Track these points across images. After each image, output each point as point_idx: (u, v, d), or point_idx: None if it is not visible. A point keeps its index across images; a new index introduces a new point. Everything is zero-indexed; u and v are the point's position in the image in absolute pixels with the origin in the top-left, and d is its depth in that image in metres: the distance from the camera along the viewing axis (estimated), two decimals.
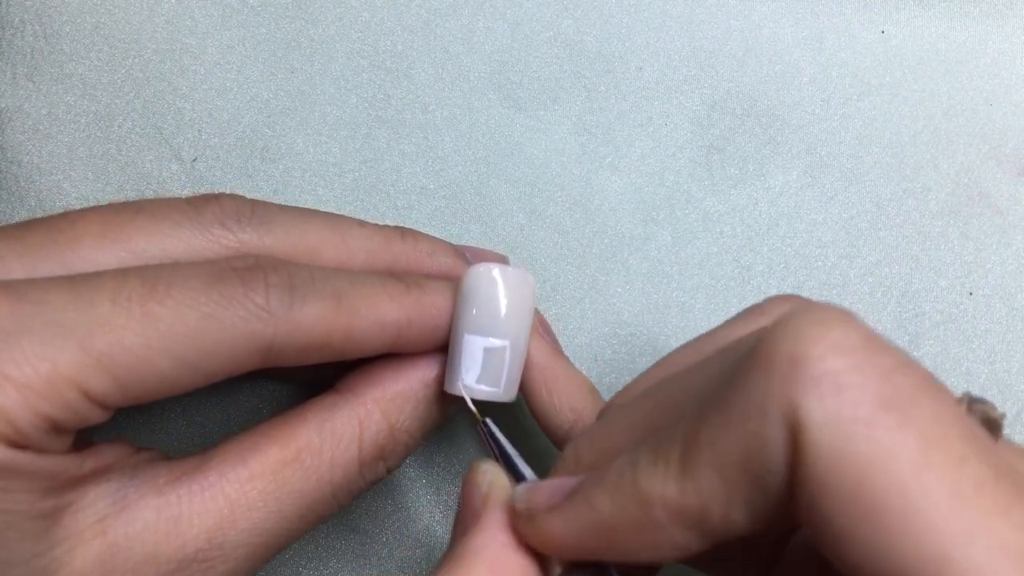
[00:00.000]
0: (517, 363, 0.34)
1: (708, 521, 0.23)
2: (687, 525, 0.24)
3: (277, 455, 0.30)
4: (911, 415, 0.21)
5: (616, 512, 0.25)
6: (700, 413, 0.24)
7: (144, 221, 0.31)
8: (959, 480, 0.20)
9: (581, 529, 0.26)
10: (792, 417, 0.21)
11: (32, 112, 0.42)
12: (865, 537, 0.21)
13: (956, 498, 0.20)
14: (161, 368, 0.27)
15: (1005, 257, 0.42)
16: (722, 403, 0.23)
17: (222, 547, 0.29)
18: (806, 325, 0.22)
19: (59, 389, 0.25)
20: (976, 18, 0.43)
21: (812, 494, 0.21)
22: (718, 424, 0.23)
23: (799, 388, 0.21)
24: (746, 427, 0.22)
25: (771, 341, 0.22)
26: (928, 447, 0.21)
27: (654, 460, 0.24)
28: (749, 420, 0.22)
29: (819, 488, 0.21)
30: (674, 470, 0.24)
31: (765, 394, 0.22)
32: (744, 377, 0.23)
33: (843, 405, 0.21)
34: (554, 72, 0.43)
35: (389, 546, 0.40)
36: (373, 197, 0.42)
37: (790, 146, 0.43)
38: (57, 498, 0.27)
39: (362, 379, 0.33)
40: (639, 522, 0.24)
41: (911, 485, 0.20)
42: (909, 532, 0.20)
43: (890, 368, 0.22)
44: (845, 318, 0.22)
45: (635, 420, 0.28)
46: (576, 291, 0.42)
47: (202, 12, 0.42)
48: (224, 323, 0.28)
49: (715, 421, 0.23)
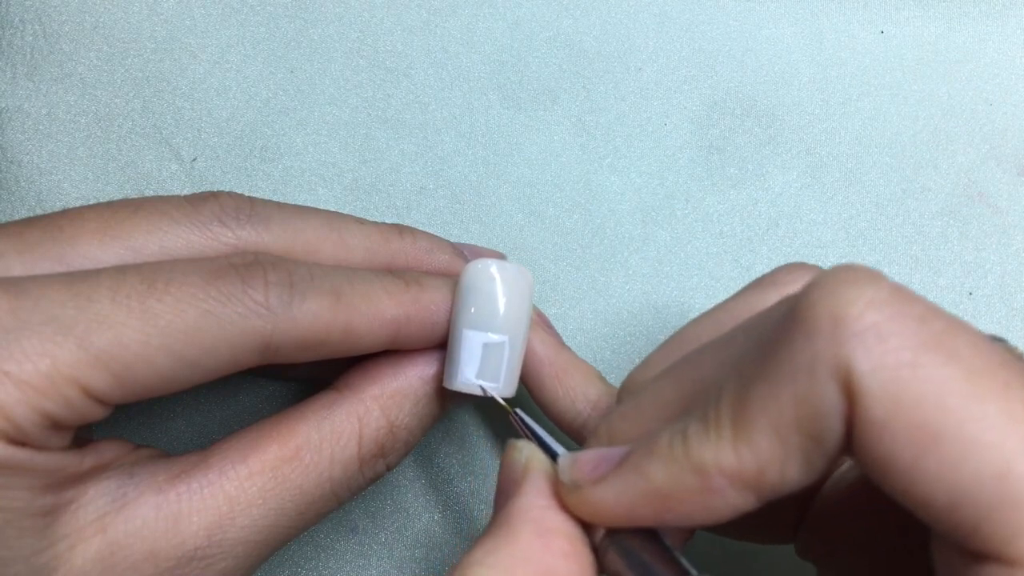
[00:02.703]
0: (516, 358, 0.34)
1: (766, 481, 0.24)
2: (745, 487, 0.24)
3: (276, 452, 0.30)
4: (953, 352, 0.22)
5: (671, 482, 0.25)
6: (744, 380, 0.24)
7: (143, 218, 0.31)
8: (1008, 402, 0.22)
9: (633, 499, 0.26)
10: (843, 372, 0.23)
11: (32, 112, 0.42)
12: (930, 468, 0.22)
13: (1009, 418, 0.22)
14: (160, 365, 0.27)
15: (1005, 257, 0.42)
16: (768, 368, 0.24)
17: (221, 544, 0.29)
18: (840, 286, 0.23)
19: (58, 386, 0.25)
20: (976, 18, 0.43)
21: (872, 438, 0.23)
22: (767, 388, 0.24)
23: (846, 344, 0.23)
24: (797, 387, 0.23)
25: (809, 305, 0.23)
26: (974, 378, 0.22)
27: (705, 429, 0.25)
28: (799, 380, 0.23)
29: (879, 431, 0.22)
30: (727, 437, 0.24)
31: (813, 354, 0.23)
32: (788, 341, 0.23)
33: (889, 352, 0.22)
34: (554, 72, 0.43)
35: (389, 546, 0.40)
36: (372, 197, 0.42)
37: (790, 146, 0.43)
38: (57, 495, 0.27)
39: (361, 376, 0.33)
40: (696, 489, 0.25)
41: (966, 413, 0.22)
42: (970, 455, 0.22)
43: (923, 314, 0.23)
44: (872, 275, 0.24)
45: (666, 395, 0.28)
46: (576, 291, 0.42)
47: (201, 12, 0.42)
48: (223, 320, 0.28)
49: (763, 385, 0.24)
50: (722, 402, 0.25)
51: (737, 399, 0.24)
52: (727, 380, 0.25)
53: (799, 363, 0.23)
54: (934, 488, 0.22)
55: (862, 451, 0.23)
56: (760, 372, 0.24)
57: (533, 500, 0.28)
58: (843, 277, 0.23)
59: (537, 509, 0.28)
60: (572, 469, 0.28)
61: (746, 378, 0.24)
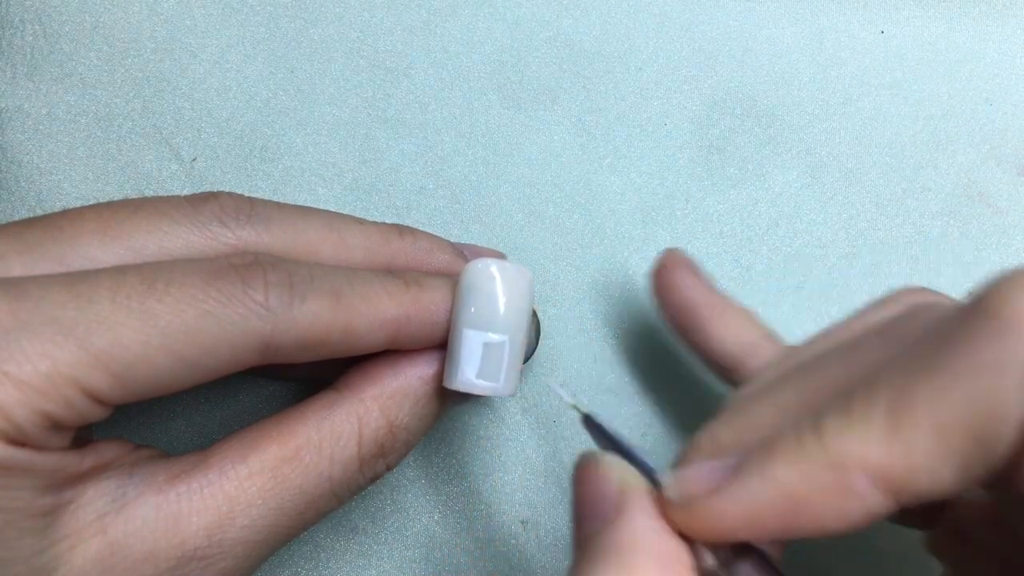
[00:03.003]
0: (516, 357, 0.33)
1: (914, 484, 0.22)
2: (889, 488, 0.22)
3: (276, 452, 0.30)
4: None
5: (803, 481, 0.23)
6: (906, 373, 0.23)
7: (143, 218, 0.31)
8: None
9: (757, 507, 0.24)
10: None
11: (32, 112, 0.42)
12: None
13: None
14: (160, 365, 0.27)
15: (1005, 257, 0.42)
16: (940, 361, 0.22)
17: (221, 544, 0.29)
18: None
19: (58, 386, 0.25)
20: (976, 18, 0.43)
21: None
22: (937, 381, 0.22)
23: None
24: (977, 384, 0.21)
25: (1003, 300, 0.22)
26: None
27: (848, 421, 0.23)
28: (981, 377, 0.21)
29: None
30: (878, 430, 0.22)
31: (1001, 351, 0.21)
32: (970, 335, 0.22)
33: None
34: (554, 72, 0.43)
35: (389, 546, 0.40)
36: (372, 197, 0.42)
37: (790, 146, 0.43)
38: (56, 496, 0.27)
39: (361, 376, 0.33)
40: (832, 489, 0.23)
41: None
42: None
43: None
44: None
45: (784, 400, 0.27)
46: (576, 291, 0.42)
47: (201, 11, 0.42)
48: (223, 320, 0.28)
49: (933, 378, 0.22)
50: (875, 393, 0.23)
51: (897, 391, 0.22)
52: (881, 373, 0.23)
53: (983, 359, 0.21)
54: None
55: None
56: (928, 365, 0.22)
57: (646, 523, 0.25)
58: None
59: (653, 535, 0.25)
60: (681, 484, 0.26)
61: (908, 372, 0.23)
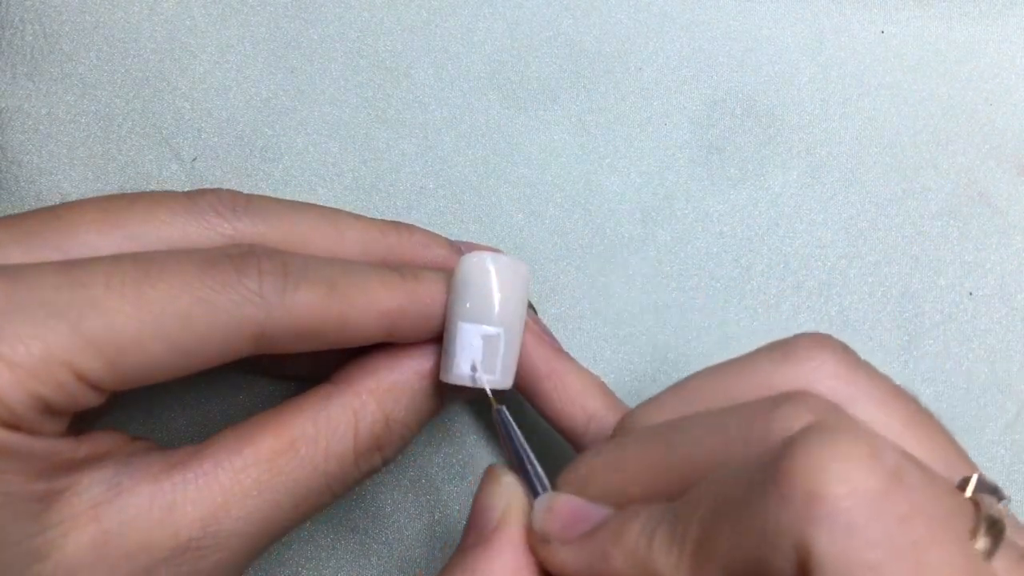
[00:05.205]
0: (512, 350, 0.33)
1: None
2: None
3: (272, 444, 0.30)
4: (922, 566, 0.21)
5: (628, 574, 0.26)
6: (717, 511, 0.24)
7: (141, 208, 0.31)
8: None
9: (592, 573, 0.27)
10: (803, 551, 0.21)
11: (32, 112, 0.42)
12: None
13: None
14: (153, 351, 0.27)
15: (1005, 257, 0.42)
16: (738, 515, 0.23)
17: (216, 535, 0.29)
18: (828, 459, 0.22)
19: (51, 369, 0.25)
20: (976, 18, 0.43)
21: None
22: (731, 534, 0.23)
23: (813, 525, 0.21)
24: (758, 550, 0.22)
25: (790, 470, 0.22)
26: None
27: (670, 542, 0.25)
28: (762, 544, 0.22)
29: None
30: (687, 560, 0.24)
31: (778, 524, 0.22)
32: (761, 499, 0.23)
33: (854, 549, 0.21)
34: (554, 72, 0.43)
35: (389, 546, 0.40)
36: (372, 197, 0.42)
37: (790, 146, 0.43)
38: (51, 481, 0.27)
39: (357, 369, 0.33)
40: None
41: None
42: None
43: (908, 514, 0.22)
44: (869, 452, 0.22)
45: (651, 458, 0.28)
46: (576, 291, 0.42)
47: (201, 11, 0.43)
48: (217, 307, 0.28)
49: (729, 530, 0.23)
50: (692, 522, 0.25)
51: (705, 529, 0.24)
52: (705, 495, 0.25)
53: (766, 529, 0.22)
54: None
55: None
56: (732, 515, 0.23)
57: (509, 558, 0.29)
58: (836, 449, 0.22)
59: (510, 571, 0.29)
60: (546, 519, 0.29)
61: (719, 508, 0.24)
